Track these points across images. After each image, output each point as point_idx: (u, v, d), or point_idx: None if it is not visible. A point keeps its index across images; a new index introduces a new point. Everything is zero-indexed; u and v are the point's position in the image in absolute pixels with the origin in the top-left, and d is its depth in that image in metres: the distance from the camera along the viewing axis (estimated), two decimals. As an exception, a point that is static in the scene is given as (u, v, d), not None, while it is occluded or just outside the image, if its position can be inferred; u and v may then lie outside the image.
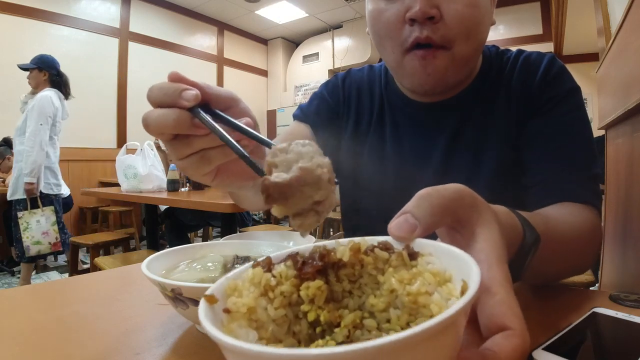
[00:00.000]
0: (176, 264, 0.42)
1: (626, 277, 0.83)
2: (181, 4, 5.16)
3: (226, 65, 5.91)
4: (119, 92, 4.51)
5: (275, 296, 0.22)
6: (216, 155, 0.35)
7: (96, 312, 0.42)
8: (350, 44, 5.79)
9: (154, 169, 2.28)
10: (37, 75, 2.63)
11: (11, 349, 0.33)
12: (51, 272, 3.30)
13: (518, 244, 0.33)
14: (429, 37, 0.52)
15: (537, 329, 0.36)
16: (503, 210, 0.33)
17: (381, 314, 0.22)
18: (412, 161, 0.65)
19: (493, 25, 0.60)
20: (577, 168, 0.56)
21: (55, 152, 2.70)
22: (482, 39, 0.57)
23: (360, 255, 0.24)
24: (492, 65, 0.65)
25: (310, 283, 0.22)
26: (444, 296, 0.20)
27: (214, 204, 1.70)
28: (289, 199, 0.26)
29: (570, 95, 0.60)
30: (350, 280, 0.24)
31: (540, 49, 3.47)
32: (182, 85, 0.32)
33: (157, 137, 0.34)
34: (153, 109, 0.33)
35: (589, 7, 1.93)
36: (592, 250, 0.54)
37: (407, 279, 0.22)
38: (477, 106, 0.63)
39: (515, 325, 0.22)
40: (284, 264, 0.23)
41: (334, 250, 0.24)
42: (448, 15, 0.51)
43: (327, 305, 0.22)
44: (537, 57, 0.63)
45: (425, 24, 0.52)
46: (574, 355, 0.28)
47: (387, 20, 0.55)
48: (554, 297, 0.45)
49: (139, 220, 4.18)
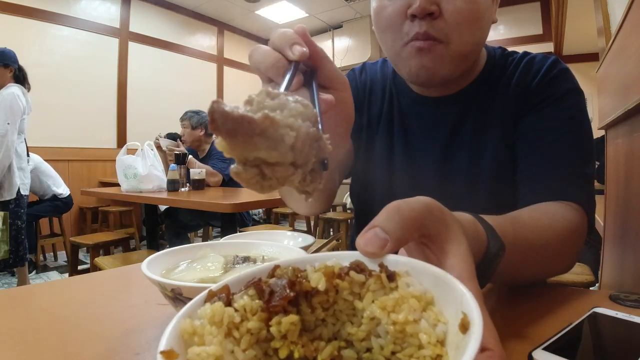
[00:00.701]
0: (176, 264, 0.42)
1: (626, 277, 0.83)
2: (181, 4, 5.16)
3: (226, 65, 5.91)
4: (119, 92, 4.51)
5: (241, 335, 0.19)
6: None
7: (96, 312, 0.42)
8: (350, 44, 5.79)
9: (153, 169, 2.28)
10: (3, 72, 2.49)
11: (11, 349, 0.33)
12: (51, 272, 3.30)
13: (482, 253, 0.33)
14: (427, 32, 0.54)
15: (537, 329, 0.36)
16: (468, 220, 0.33)
17: (360, 343, 0.21)
18: (416, 154, 0.67)
19: (494, 24, 0.60)
20: (567, 166, 0.56)
21: (24, 150, 2.57)
22: (481, 36, 0.58)
23: (335, 280, 0.21)
24: (495, 65, 0.66)
25: (282, 318, 0.20)
26: (431, 322, 0.20)
27: (214, 204, 1.70)
28: (236, 138, 0.22)
29: (568, 95, 0.60)
30: (323, 308, 0.22)
31: (540, 49, 3.48)
32: (298, 39, 0.33)
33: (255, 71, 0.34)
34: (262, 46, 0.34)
35: (589, 7, 1.93)
36: (573, 251, 0.54)
37: (390, 305, 0.20)
38: (477, 103, 0.64)
39: (492, 346, 0.22)
40: (246, 295, 0.21)
41: (305, 276, 0.22)
42: (447, 11, 0.53)
43: (300, 339, 0.20)
44: (541, 59, 0.63)
45: (425, 19, 0.53)
46: (573, 355, 0.28)
47: (389, 15, 0.57)
48: (554, 297, 0.45)
49: (139, 220, 4.18)
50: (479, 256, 0.32)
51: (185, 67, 5.29)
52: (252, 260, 0.43)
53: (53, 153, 3.83)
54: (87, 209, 4.01)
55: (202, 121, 2.85)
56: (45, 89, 3.86)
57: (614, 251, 1.11)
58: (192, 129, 2.83)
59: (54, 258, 3.72)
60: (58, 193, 3.34)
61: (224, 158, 2.79)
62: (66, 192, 3.43)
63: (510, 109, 0.62)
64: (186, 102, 4.90)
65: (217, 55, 5.79)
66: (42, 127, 3.85)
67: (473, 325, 0.17)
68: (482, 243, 0.33)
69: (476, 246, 0.32)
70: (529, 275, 0.50)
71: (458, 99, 0.65)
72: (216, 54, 5.78)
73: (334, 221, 3.48)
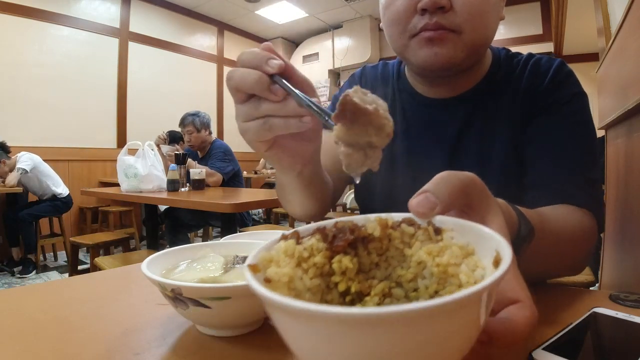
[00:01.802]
0: (176, 264, 0.42)
1: (626, 277, 0.83)
2: (181, 4, 5.16)
3: (226, 65, 5.91)
4: (119, 92, 4.51)
5: (308, 267, 0.23)
6: (278, 124, 0.37)
7: (96, 312, 0.42)
8: (350, 44, 5.79)
9: (154, 169, 2.28)
10: None
11: (11, 349, 0.33)
12: (51, 272, 3.30)
13: (513, 234, 0.35)
14: (438, 23, 0.54)
15: (537, 328, 0.36)
16: (502, 201, 0.35)
17: (408, 284, 0.24)
18: (420, 156, 0.66)
19: (502, 20, 0.60)
20: (575, 171, 0.56)
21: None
22: (490, 30, 0.58)
23: (388, 230, 0.25)
24: (501, 66, 0.66)
25: (342, 257, 0.23)
26: (470, 267, 0.22)
27: (214, 204, 1.70)
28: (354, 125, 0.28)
29: (575, 99, 0.60)
30: (377, 254, 0.25)
31: (540, 49, 3.48)
32: (270, 54, 0.36)
33: (234, 94, 0.37)
34: (238, 68, 0.36)
35: (589, 7, 1.93)
36: (585, 252, 0.55)
37: (436, 251, 0.23)
38: (483, 105, 0.64)
39: (524, 298, 0.25)
40: (313, 238, 0.24)
41: (364, 225, 0.25)
42: (457, 4, 0.53)
43: (357, 277, 0.24)
44: (547, 61, 0.63)
45: (436, 12, 0.53)
46: (573, 355, 0.28)
47: (397, 9, 0.57)
48: (554, 297, 0.45)
49: (139, 220, 4.17)
50: (511, 237, 0.34)
51: (185, 67, 5.29)
52: (252, 260, 0.43)
53: (53, 153, 3.83)
54: (87, 209, 4.01)
55: (204, 121, 2.84)
56: (45, 89, 3.87)
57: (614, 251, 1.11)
58: (198, 131, 2.81)
59: (54, 258, 3.72)
60: (57, 193, 3.34)
61: (223, 157, 2.79)
62: (65, 191, 3.43)
63: (518, 111, 0.61)
64: (186, 102, 4.91)
65: (217, 55, 5.79)
66: (42, 127, 3.86)
67: (504, 260, 0.20)
68: (513, 224, 0.35)
69: (509, 225, 0.33)
70: (546, 269, 0.52)
71: (464, 101, 0.64)
72: (216, 54, 5.78)
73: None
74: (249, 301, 0.33)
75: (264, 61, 0.35)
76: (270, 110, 0.36)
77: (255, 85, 0.35)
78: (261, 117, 0.37)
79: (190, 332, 0.36)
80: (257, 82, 0.35)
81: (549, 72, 0.61)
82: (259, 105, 0.36)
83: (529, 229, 0.36)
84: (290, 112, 0.35)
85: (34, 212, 3.24)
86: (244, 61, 0.36)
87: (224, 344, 0.34)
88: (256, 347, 0.33)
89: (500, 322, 0.24)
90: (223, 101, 5.82)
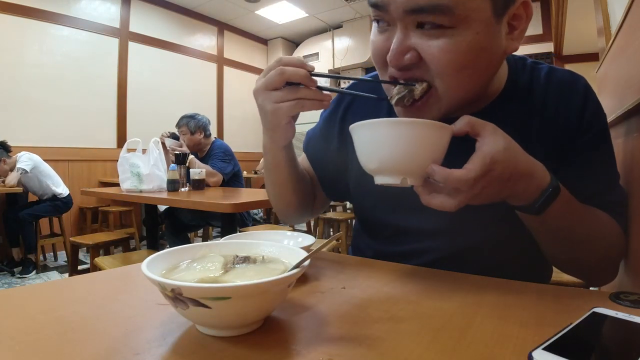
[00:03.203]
0: (176, 264, 0.42)
1: (626, 277, 0.83)
2: (181, 4, 5.16)
3: (226, 65, 5.91)
4: (119, 92, 4.51)
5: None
6: (309, 104, 0.52)
7: (96, 312, 0.42)
8: (350, 44, 5.79)
9: (156, 168, 2.27)
10: None
11: (11, 349, 0.33)
12: (51, 272, 3.30)
13: (544, 185, 0.47)
14: (404, 75, 0.51)
15: (537, 329, 0.36)
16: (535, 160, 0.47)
17: None
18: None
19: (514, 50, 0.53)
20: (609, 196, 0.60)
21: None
22: (476, 81, 0.52)
23: None
24: (518, 79, 0.62)
25: None
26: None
27: (214, 204, 1.70)
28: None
29: (605, 127, 0.60)
30: None
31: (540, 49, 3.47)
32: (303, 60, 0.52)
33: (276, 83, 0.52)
34: (286, 66, 0.51)
35: (589, 7, 1.93)
36: (616, 248, 0.59)
37: None
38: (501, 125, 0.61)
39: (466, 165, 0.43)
40: None
41: None
42: (426, 56, 0.48)
43: None
44: (572, 85, 0.60)
45: (401, 70, 0.51)
46: (573, 355, 0.28)
47: (375, 51, 0.54)
48: (554, 297, 0.45)
49: (139, 220, 4.17)
50: (543, 185, 0.47)
51: (185, 67, 5.29)
52: (252, 261, 0.43)
53: (53, 153, 3.83)
54: (87, 209, 4.00)
55: (199, 124, 2.84)
56: (45, 89, 3.86)
57: (614, 251, 1.11)
58: (192, 134, 2.82)
59: (54, 258, 3.72)
60: (57, 193, 3.34)
61: (223, 158, 2.79)
62: (65, 191, 3.43)
63: (546, 137, 0.59)
64: (186, 102, 4.91)
65: (217, 55, 5.79)
66: (42, 127, 3.86)
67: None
68: (546, 179, 0.47)
69: (542, 171, 0.47)
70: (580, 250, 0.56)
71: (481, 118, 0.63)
72: (216, 54, 5.78)
73: (334, 221, 3.48)
74: (249, 301, 0.33)
75: (305, 64, 0.51)
76: (305, 94, 0.51)
77: (303, 77, 0.51)
78: (296, 99, 0.51)
79: (190, 332, 0.36)
80: (305, 75, 0.51)
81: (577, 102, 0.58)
82: (296, 90, 0.51)
83: (555, 184, 0.47)
84: (317, 96, 0.52)
85: (34, 212, 3.24)
86: (287, 62, 0.51)
87: (224, 344, 0.34)
88: (256, 347, 0.33)
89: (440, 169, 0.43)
90: (223, 101, 5.82)
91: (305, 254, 0.40)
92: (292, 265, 0.38)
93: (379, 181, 0.47)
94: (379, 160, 0.45)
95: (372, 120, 0.45)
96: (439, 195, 0.45)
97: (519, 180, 0.45)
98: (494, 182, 0.43)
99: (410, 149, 0.43)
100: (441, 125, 0.44)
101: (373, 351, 0.32)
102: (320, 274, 0.56)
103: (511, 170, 0.44)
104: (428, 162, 0.44)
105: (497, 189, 0.45)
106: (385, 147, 0.44)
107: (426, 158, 0.44)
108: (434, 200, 0.45)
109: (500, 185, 0.44)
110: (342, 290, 0.48)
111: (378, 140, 0.45)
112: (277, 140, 0.60)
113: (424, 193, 0.46)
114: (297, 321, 0.39)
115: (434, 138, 0.44)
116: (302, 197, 0.74)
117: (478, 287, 0.49)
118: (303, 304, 0.43)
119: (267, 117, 0.54)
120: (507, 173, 0.44)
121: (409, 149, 0.43)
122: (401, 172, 0.45)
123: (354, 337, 0.35)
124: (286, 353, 0.32)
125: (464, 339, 0.34)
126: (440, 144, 0.44)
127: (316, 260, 0.63)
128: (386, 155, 0.44)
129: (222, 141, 3.03)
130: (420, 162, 0.44)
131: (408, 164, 0.44)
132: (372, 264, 0.62)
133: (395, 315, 0.40)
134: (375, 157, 0.46)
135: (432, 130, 0.44)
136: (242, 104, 6.05)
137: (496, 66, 0.55)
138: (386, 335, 0.35)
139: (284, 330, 0.37)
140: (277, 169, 0.66)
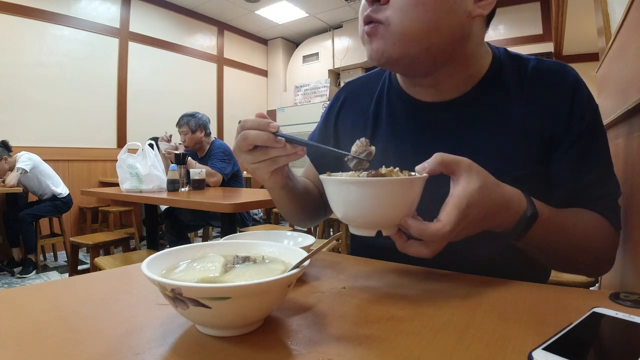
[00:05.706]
0: (176, 264, 0.42)
1: (626, 277, 0.83)
2: (181, 4, 5.16)
3: (226, 65, 5.91)
4: (119, 92, 4.51)
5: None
6: (282, 159, 0.53)
7: (96, 312, 0.42)
8: (350, 44, 5.79)
9: (154, 168, 2.28)
10: None
11: (11, 349, 0.33)
12: (51, 272, 3.30)
13: (520, 215, 0.49)
14: (369, 16, 0.56)
15: (537, 329, 0.36)
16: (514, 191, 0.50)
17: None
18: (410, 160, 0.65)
19: (494, 23, 0.59)
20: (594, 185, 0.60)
21: None
22: (430, 19, 0.54)
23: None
24: (502, 65, 0.63)
25: None
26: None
27: (214, 204, 1.70)
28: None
29: (597, 118, 0.60)
30: None
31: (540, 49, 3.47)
32: (269, 120, 0.52)
33: (244, 147, 0.53)
34: (248, 130, 0.52)
35: (589, 7, 1.93)
36: (602, 251, 0.59)
37: None
38: (484, 112, 0.62)
39: (442, 217, 0.43)
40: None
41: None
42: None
43: None
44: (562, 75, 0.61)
45: (373, 5, 0.56)
46: (573, 355, 0.28)
47: (361, 6, 0.60)
48: (554, 297, 0.45)
49: (139, 220, 4.17)
50: (520, 212, 0.49)
51: (185, 67, 5.29)
52: (252, 260, 0.43)
53: (53, 153, 3.83)
54: (87, 209, 4.01)
55: (200, 123, 2.84)
56: (45, 89, 3.86)
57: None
58: (192, 132, 2.82)
59: (54, 258, 3.73)
60: (57, 193, 3.34)
61: (223, 158, 2.79)
62: (65, 191, 3.43)
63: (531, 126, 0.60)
64: (186, 102, 4.91)
65: (217, 55, 5.79)
66: (42, 127, 3.86)
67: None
68: (522, 206, 0.49)
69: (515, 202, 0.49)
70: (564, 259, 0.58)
71: (461, 105, 0.63)
72: (216, 54, 5.78)
73: (334, 221, 3.48)
74: (249, 301, 0.33)
75: (267, 125, 0.51)
76: (276, 153, 0.52)
77: (267, 141, 0.51)
78: (269, 158, 0.53)
79: (190, 332, 0.36)
80: (267, 138, 0.51)
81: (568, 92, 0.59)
82: (267, 151, 0.52)
83: (532, 211, 0.49)
84: (289, 151, 0.52)
85: (34, 212, 3.24)
86: (251, 125, 0.51)
87: (224, 344, 0.34)
88: (256, 347, 0.33)
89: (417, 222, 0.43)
90: (223, 101, 5.82)
91: (305, 254, 0.40)
92: (292, 265, 0.38)
93: (354, 232, 0.47)
94: (349, 217, 0.45)
95: (340, 179, 0.45)
96: (415, 243, 0.46)
97: (495, 215, 0.48)
98: (469, 225, 0.45)
99: (380, 207, 0.43)
100: (410, 180, 0.43)
101: (373, 351, 0.32)
102: (320, 274, 0.56)
103: (486, 209, 0.46)
104: (401, 215, 0.43)
105: (472, 228, 0.47)
106: (356, 205, 0.44)
107: (398, 212, 0.43)
108: (410, 249, 0.46)
109: (476, 225, 0.47)
110: (342, 290, 0.48)
111: (346, 198, 0.44)
112: (271, 186, 0.63)
113: (400, 241, 0.46)
114: (297, 321, 0.39)
115: (403, 193, 0.43)
116: (312, 209, 0.77)
117: (478, 287, 0.49)
118: (303, 304, 0.43)
119: (252, 174, 0.57)
120: (482, 213, 0.46)
121: (379, 207, 0.43)
122: (374, 227, 0.45)
123: (354, 337, 0.35)
124: (286, 353, 0.32)
125: (464, 339, 0.34)
126: (411, 196, 0.44)
127: (316, 260, 0.63)
128: (356, 213, 0.44)
129: (221, 141, 3.03)
130: (392, 217, 0.44)
131: (380, 220, 0.44)
132: (372, 264, 0.62)
133: (395, 315, 0.40)
134: (346, 213, 0.45)
135: (401, 187, 0.43)
136: (242, 104, 6.05)
137: (458, 26, 0.56)
138: (386, 335, 0.35)
139: (284, 330, 0.37)
140: (282, 200, 0.69)
